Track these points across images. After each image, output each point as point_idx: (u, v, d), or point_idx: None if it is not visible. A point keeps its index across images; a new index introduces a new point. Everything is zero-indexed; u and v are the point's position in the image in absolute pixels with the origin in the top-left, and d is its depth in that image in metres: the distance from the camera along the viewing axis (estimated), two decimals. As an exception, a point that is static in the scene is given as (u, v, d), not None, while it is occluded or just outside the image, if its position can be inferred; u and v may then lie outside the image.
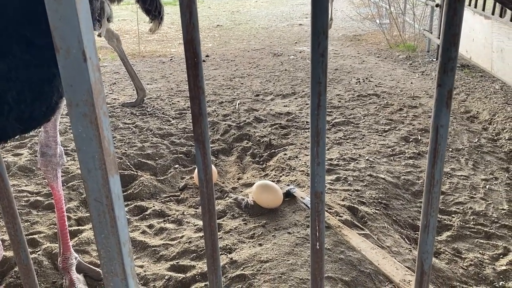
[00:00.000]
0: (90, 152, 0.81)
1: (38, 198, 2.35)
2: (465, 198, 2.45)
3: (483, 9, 4.16)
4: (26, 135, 3.12)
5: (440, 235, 2.20)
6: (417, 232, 2.23)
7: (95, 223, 0.86)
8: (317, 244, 0.88)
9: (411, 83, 4.49)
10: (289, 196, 2.24)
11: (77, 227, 2.15)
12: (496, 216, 2.31)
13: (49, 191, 2.40)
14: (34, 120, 1.27)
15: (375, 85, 4.42)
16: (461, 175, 2.67)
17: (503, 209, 2.36)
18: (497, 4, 3.91)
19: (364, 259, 1.82)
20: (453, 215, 2.33)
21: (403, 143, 3.05)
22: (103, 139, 0.82)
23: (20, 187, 2.45)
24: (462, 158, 2.87)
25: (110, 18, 3.22)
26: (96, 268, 1.85)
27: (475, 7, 4.34)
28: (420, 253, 0.88)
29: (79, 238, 2.04)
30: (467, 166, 2.78)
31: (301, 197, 2.14)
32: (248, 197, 2.17)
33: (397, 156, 2.86)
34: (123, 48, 3.82)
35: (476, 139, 3.15)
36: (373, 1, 7.91)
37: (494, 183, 2.61)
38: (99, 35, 3.53)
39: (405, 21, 6.78)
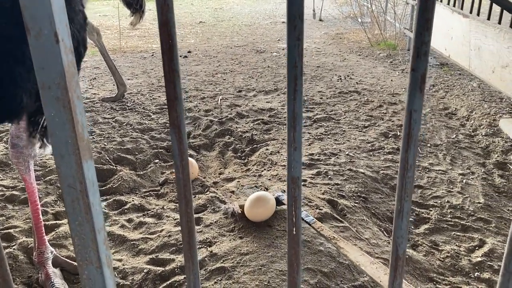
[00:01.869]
0: (63, 137, 0.80)
1: (14, 192, 2.30)
2: (443, 192, 2.49)
3: (462, 8, 4.23)
4: (1, 128, 3.05)
5: (418, 228, 2.23)
6: (395, 225, 2.25)
7: (68, 210, 0.85)
8: (294, 229, 0.88)
9: (391, 80, 4.54)
10: (278, 203, 2.16)
11: (54, 221, 2.11)
12: (472, 209, 2.36)
13: (13, 185, 2.36)
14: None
15: (356, 83, 4.45)
16: (439, 170, 2.72)
17: (479, 203, 2.41)
18: (474, 2, 3.98)
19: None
20: (430, 209, 2.37)
21: (382, 139, 3.08)
22: (76, 123, 0.81)
23: (-4, 181, 2.40)
24: (440, 153, 2.92)
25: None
26: (73, 262, 1.82)
27: (454, 5, 4.42)
28: (395, 238, 0.88)
29: (56, 232, 2.01)
30: (445, 161, 2.83)
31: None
32: (234, 205, 2.12)
33: (377, 151, 2.89)
34: (104, 43, 3.77)
35: (454, 135, 3.20)
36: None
37: (471, 178, 2.66)
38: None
39: (386, 20, 6.86)
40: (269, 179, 2.47)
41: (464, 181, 2.61)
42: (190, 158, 2.58)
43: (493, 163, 2.84)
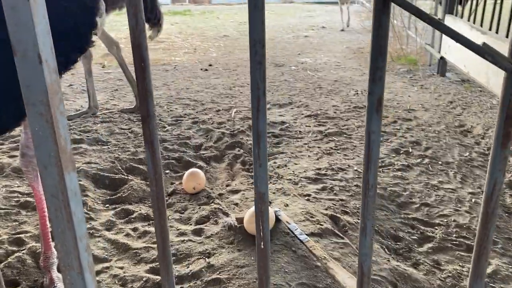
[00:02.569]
0: (46, 150, 0.87)
1: (28, 199, 2.40)
2: (450, 211, 2.46)
3: (481, 25, 4.19)
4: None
5: (422, 247, 2.21)
6: (398, 243, 2.25)
7: (52, 217, 0.91)
8: (262, 243, 0.92)
9: (409, 96, 4.51)
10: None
11: (63, 228, 2.20)
12: (479, 229, 2.31)
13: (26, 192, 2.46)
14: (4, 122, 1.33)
15: (373, 97, 4.44)
16: (448, 188, 2.68)
17: (486, 223, 2.36)
18: (494, 19, 3.94)
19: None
20: (436, 227, 2.34)
21: (393, 155, 3.07)
22: (58, 137, 0.87)
23: (12, 187, 2.51)
24: (451, 171, 2.88)
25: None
26: (77, 268, 1.89)
27: (474, 22, 4.37)
28: (360, 255, 0.91)
29: (63, 238, 2.09)
30: (455, 180, 2.79)
31: (287, 222, 2.12)
32: (231, 219, 2.16)
33: (386, 168, 2.88)
34: (123, 55, 3.90)
35: (468, 153, 3.15)
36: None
37: (481, 197, 2.61)
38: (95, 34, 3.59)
39: (408, 35, 6.82)
40: (274, 193, 2.50)
41: (473, 200, 2.57)
42: (197, 170, 2.64)
43: (505, 182, 2.79)
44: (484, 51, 0.69)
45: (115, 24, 10.03)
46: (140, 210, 2.39)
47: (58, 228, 0.89)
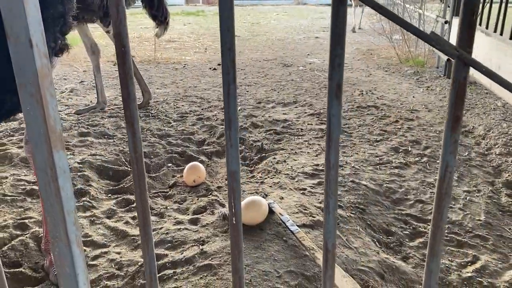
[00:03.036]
0: (36, 128, 0.95)
1: (34, 187, 2.51)
2: (444, 208, 2.49)
3: (487, 27, 4.20)
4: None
5: (413, 241, 2.26)
6: (389, 237, 2.29)
7: (42, 191, 0.99)
8: (233, 219, 0.98)
9: (413, 97, 4.53)
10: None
11: (66, 215, 2.29)
12: (471, 226, 2.35)
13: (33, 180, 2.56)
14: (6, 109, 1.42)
15: (377, 98, 4.48)
16: (443, 186, 2.71)
17: (479, 220, 2.40)
18: (499, 21, 3.95)
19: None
20: (428, 223, 2.38)
21: (392, 153, 3.11)
22: (48, 117, 0.96)
23: (19, 176, 2.62)
24: (448, 170, 2.91)
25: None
26: (77, 252, 1.98)
27: (480, 25, 4.38)
28: (324, 233, 0.97)
29: (65, 224, 2.18)
30: (452, 178, 2.82)
31: (280, 213, 2.18)
32: (226, 209, 2.23)
33: (384, 165, 2.93)
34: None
35: (467, 153, 3.18)
36: (388, 16, 7.96)
37: (476, 195, 2.64)
38: (108, 32, 3.69)
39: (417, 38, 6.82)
40: (270, 186, 2.57)
41: (467, 198, 2.60)
42: (197, 163, 2.71)
43: (502, 182, 2.81)
44: (432, 39, 0.75)
45: (129, 24, 10.18)
46: (140, 200, 2.47)
47: (47, 201, 0.97)
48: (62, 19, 1.54)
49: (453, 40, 5.12)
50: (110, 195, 2.56)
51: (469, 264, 2.10)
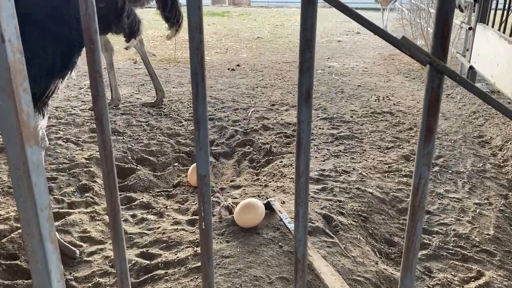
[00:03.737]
0: (8, 123, 0.94)
1: (40, 180, 2.54)
2: (451, 220, 2.42)
3: (511, 35, 4.06)
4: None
5: (415, 253, 2.18)
6: (391, 247, 2.23)
7: (14, 187, 0.99)
8: (203, 224, 0.96)
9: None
10: (268, 207, 2.23)
11: (67, 210, 2.31)
12: (478, 240, 2.27)
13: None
14: None
15: (393, 104, 4.39)
16: (453, 197, 2.63)
17: (487, 234, 2.31)
18: (522, 29, 3.81)
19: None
20: (434, 235, 2.31)
21: (402, 161, 3.03)
22: (20, 112, 0.95)
23: (27, 169, 2.66)
24: (460, 181, 2.82)
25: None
26: (72, 247, 2.00)
27: (504, 32, 4.25)
28: (295, 241, 0.93)
29: (65, 219, 2.20)
30: (463, 189, 2.73)
31: (279, 211, 2.17)
32: (227, 202, 2.24)
33: (392, 173, 2.85)
34: (146, 51, 4.03)
35: (481, 164, 3.07)
36: (413, 22, 7.82)
37: (487, 208, 2.55)
38: (126, 48, 3.74)
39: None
40: (274, 190, 2.53)
41: (477, 211, 2.51)
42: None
43: (517, 196, 2.70)
44: (402, 45, 0.71)
45: (154, 23, 10.31)
46: (142, 198, 2.48)
47: (20, 197, 0.96)
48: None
49: (477, 46, 4.98)
50: (113, 192, 2.57)
51: (473, 279, 2.02)
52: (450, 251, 2.19)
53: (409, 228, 0.86)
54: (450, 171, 2.94)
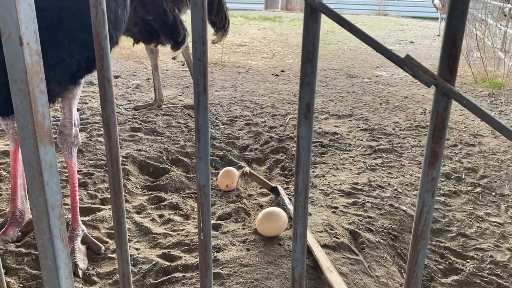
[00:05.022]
0: (24, 123, 0.98)
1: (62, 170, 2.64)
2: (489, 246, 2.27)
3: None
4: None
5: (446, 278, 2.08)
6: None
7: (28, 184, 1.02)
8: (201, 234, 0.95)
9: (481, 120, 4.19)
10: (273, 191, 2.54)
11: (99, 206, 2.39)
12: (517, 270, 2.12)
13: (78, 169, 2.69)
14: None
15: (440, 118, 4.21)
16: (494, 221, 2.47)
17: (528, 264, 2.15)
18: None
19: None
20: (468, 260, 2.18)
21: (442, 179, 2.90)
22: (35, 113, 0.98)
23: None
24: (503, 204, 2.65)
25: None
26: (99, 243, 2.05)
27: None
28: (292, 261, 0.90)
29: (95, 215, 2.27)
30: (505, 214, 2.56)
31: (283, 195, 2.45)
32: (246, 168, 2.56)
33: (430, 191, 2.73)
34: (190, 54, 4.11)
35: (530, 187, 2.88)
36: (468, 33, 7.48)
37: (530, 236, 2.37)
38: (173, 58, 3.83)
39: (498, 57, 6.34)
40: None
41: (520, 238, 2.35)
42: (232, 169, 2.70)
43: None
44: (404, 64, 0.67)
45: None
46: (172, 199, 2.51)
47: (33, 194, 1.00)
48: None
49: (536, 62, 4.69)
50: (145, 190, 2.63)
51: (506, 312, 1.89)
52: (485, 279, 2.06)
53: (411, 258, 0.81)
54: (493, 193, 2.77)
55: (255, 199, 2.54)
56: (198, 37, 0.81)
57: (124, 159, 2.91)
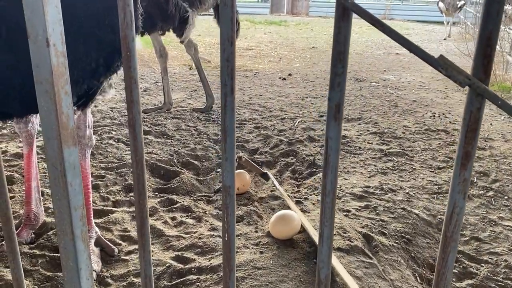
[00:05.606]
0: (49, 124, 0.98)
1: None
2: (503, 250, 2.25)
3: None
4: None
5: (460, 282, 2.06)
6: (433, 273, 2.11)
7: (51, 185, 1.02)
8: (226, 236, 0.95)
9: (491, 124, 4.18)
10: (264, 176, 2.81)
11: (111, 208, 2.39)
12: (532, 274, 2.10)
13: (93, 173, 2.69)
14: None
15: (449, 122, 4.19)
16: (507, 225, 2.46)
17: (544, 269, 2.13)
18: None
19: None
20: (482, 264, 2.16)
21: (453, 183, 2.88)
22: (60, 114, 0.98)
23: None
24: (516, 208, 2.64)
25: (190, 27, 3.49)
26: (112, 245, 2.05)
27: None
28: (318, 262, 0.90)
29: (108, 217, 2.27)
30: (519, 218, 2.55)
31: (272, 179, 2.72)
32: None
33: (442, 195, 2.72)
34: (199, 57, 4.12)
35: (542, 192, 2.86)
36: (476, 36, 7.47)
37: (545, 240, 2.36)
38: (181, 42, 3.84)
39: (507, 60, 6.31)
40: (313, 204, 2.49)
41: (534, 242, 2.33)
42: (244, 172, 2.70)
43: None
44: (438, 64, 0.67)
45: (212, 30, 10.54)
46: (183, 201, 2.51)
47: (56, 195, 1.00)
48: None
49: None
50: (156, 193, 2.63)
51: (523, 317, 1.87)
52: (499, 283, 2.04)
53: (440, 260, 0.81)
54: (506, 197, 2.75)
55: (267, 202, 2.54)
56: (227, 37, 0.81)
57: (135, 162, 2.91)
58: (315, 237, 2.02)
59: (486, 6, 0.64)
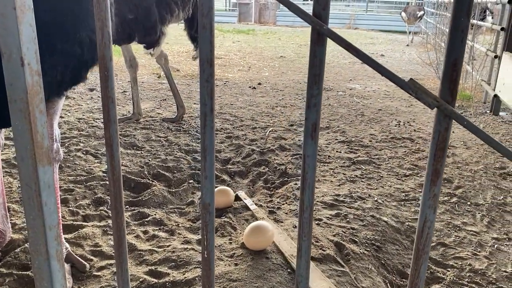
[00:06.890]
0: (23, 143, 0.96)
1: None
2: (467, 254, 2.35)
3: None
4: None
5: (428, 287, 2.13)
6: (403, 279, 2.18)
7: (25, 205, 1.01)
8: (205, 252, 0.96)
9: (453, 132, 4.35)
10: (238, 199, 2.72)
11: (81, 223, 2.34)
12: (495, 277, 2.19)
13: (61, 187, 2.63)
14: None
15: (414, 130, 4.34)
16: (470, 231, 2.56)
17: (505, 271, 2.23)
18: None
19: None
20: (448, 269, 2.24)
21: (420, 190, 2.98)
22: (35, 133, 0.97)
23: (45, 180, 2.71)
24: (478, 213, 2.75)
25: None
26: (83, 261, 2.01)
27: (530, 61, 4.17)
28: (296, 276, 0.92)
29: (78, 232, 2.23)
30: (481, 223, 2.66)
31: (244, 198, 2.68)
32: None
33: (409, 202, 2.80)
34: (170, 68, 4.10)
35: (502, 197, 2.99)
36: (437, 47, 7.75)
37: (506, 244, 2.47)
38: (151, 55, 3.82)
39: (467, 70, 6.58)
40: (286, 213, 2.52)
41: (495, 246, 2.44)
42: (227, 188, 2.68)
43: (538, 232, 2.61)
44: (409, 87, 0.71)
45: (180, 38, 10.49)
46: (155, 214, 2.49)
47: (30, 215, 0.98)
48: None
49: (502, 75, 4.90)
50: (127, 206, 2.60)
51: (487, 319, 1.95)
52: (465, 286, 2.13)
53: (413, 271, 0.84)
54: (468, 203, 2.87)
55: (240, 213, 2.55)
56: (206, 59, 0.83)
57: (105, 174, 2.87)
58: (292, 260, 2.05)
59: (451, 34, 0.68)
